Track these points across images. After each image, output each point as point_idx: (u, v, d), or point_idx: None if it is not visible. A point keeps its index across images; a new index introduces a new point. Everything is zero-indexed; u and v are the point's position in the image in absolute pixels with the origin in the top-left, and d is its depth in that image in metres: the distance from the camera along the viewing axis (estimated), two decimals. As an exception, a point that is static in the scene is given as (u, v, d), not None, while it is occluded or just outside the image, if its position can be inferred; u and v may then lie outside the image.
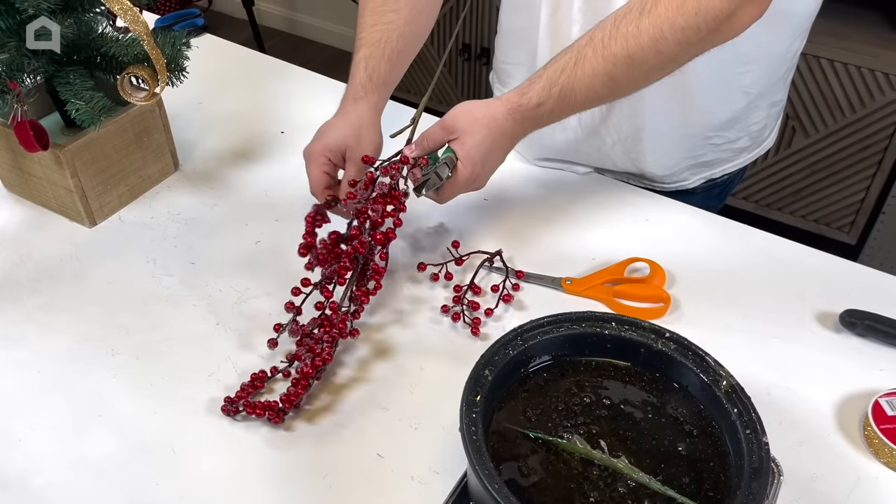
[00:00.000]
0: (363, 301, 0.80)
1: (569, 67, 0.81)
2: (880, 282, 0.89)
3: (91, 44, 0.90)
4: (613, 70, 0.79)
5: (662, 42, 0.76)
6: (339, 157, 0.88)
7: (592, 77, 0.80)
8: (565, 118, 0.87)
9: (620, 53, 0.78)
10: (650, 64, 0.78)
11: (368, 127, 0.89)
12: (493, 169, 0.88)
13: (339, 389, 0.77)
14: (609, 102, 0.89)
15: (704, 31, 0.75)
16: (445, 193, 0.87)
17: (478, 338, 0.82)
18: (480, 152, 0.84)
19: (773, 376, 0.78)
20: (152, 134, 1.00)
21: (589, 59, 0.80)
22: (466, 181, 0.85)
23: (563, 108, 0.83)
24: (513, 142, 0.86)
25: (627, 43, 0.77)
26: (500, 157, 0.87)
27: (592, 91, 0.81)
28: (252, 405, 0.73)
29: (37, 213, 0.99)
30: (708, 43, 0.78)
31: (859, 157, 1.98)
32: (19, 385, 0.78)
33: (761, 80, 1.00)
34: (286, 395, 0.73)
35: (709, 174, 1.09)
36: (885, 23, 1.97)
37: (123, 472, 0.70)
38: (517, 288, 0.88)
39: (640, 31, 0.76)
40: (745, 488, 0.57)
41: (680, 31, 0.75)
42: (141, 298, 0.87)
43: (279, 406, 0.73)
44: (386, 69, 0.91)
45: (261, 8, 3.38)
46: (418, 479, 0.69)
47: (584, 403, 0.66)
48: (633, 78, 0.80)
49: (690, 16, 0.75)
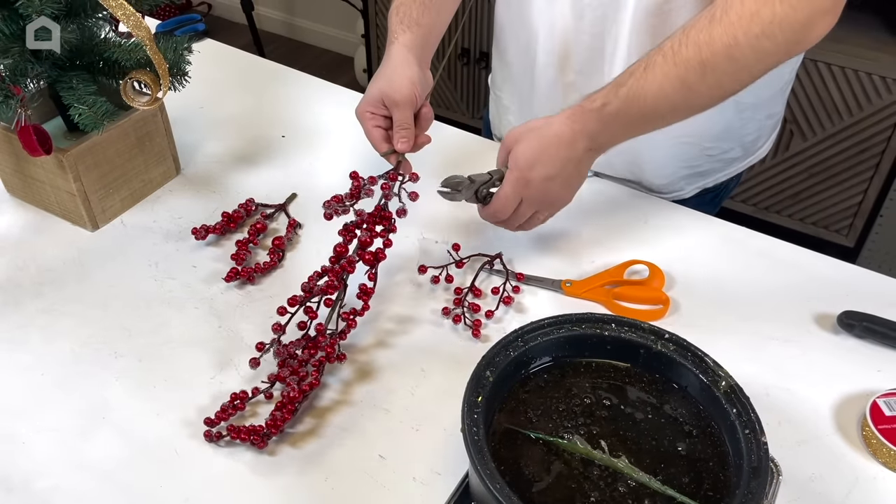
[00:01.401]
0: (350, 325, 0.79)
1: (638, 72, 0.79)
2: (878, 284, 0.90)
3: (94, 49, 0.91)
4: (686, 75, 0.76)
5: (737, 49, 0.74)
6: (381, 107, 0.90)
7: (664, 80, 0.77)
8: (640, 132, 0.83)
9: (693, 58, 0.76)
10: (724, 70, 0.76)
11: (401, 65, 0.89)
12: (551, 176, 0.82)
13: (341, 391, 0.78)
14: (685, 116, 0.83)
15: (781, 41, 0.74)
16: (495, 205, 0.85)
17: (479, 339, 0.83)
18: (527, 156, 0.82)
19: (771, 377, 0.79)
20: (154, 138, 1.00)
21: (659, 64, 0.77)
22: (513, 186, 0.83)
23: (631, 112, 0.79)
24: (572, 147, 0.81)
25: (700, 49, 0.75)
26: (556, 163, 0.82)
27: (664, 96, 0.78)
28: (237, 430, 0.71)
29: (40, 216, 0.99)
30: (785, 53, 0.76)
31: (857, 160, 1.98)
32: (23, 388, 0.78)
33: (756, 92, 1.00)
34: (272, 419, 0.71)
35: (703, 183, 1.10)
36: (882, 26, 1.98)
37: (127, 474, 0.71)
38: (517, 290, 0.88)
39: (713, 39, 0.75)
40: (745, 488, 0.58)
41: (755, 38, 0.74)
42: (143, 301, 0.87)
43: (264, 431, 0.71)
44: (418, 12, 0.92)
45: (260, 13, 3.39)
46: (420, 479, 0.70)
47: (584, 404, 0.67)
48: (708, 85, 0.77)
49: (766, 24, 0.73)
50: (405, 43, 0.91)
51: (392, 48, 0.92)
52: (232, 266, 0.90)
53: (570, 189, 0.86)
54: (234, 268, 0.89)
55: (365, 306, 0.81)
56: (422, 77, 0.90)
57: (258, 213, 0.99)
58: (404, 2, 0.94)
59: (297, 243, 0.96)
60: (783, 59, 0.77)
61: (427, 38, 0.94)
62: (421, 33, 0.92)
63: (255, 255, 0.94)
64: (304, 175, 1.07)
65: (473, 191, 0.86)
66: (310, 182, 1.05)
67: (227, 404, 0.74)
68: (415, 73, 0.89)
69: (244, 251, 0.92)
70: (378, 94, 0.89)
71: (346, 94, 1.23)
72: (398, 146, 0.89)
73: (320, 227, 0.97)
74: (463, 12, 2.40)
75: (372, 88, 0.91)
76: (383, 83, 0.89)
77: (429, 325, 0.85)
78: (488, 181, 0.86)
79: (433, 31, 0.95)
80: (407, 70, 0.89)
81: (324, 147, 1.12)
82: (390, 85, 0.88)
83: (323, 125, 1.16)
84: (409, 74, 0.89)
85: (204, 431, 0.73)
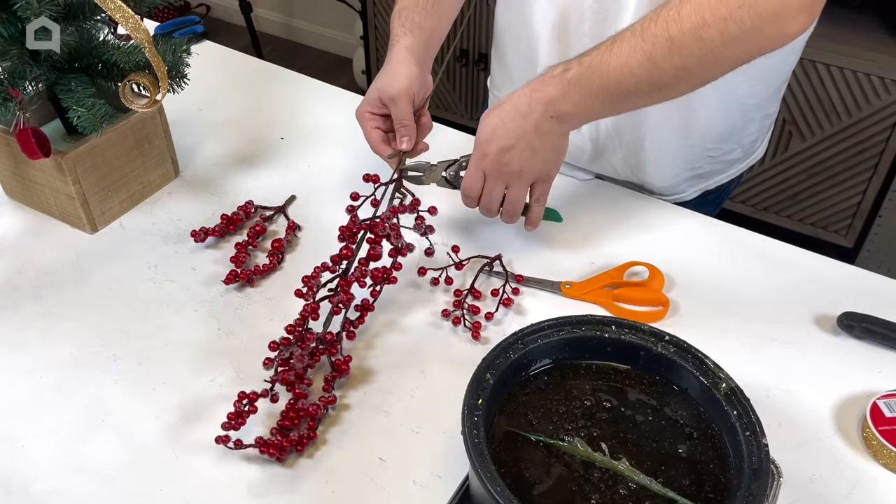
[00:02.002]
0: (349, 336, 0.81)
1: (605, 45, 0.78)
2: (877, 284, 0.90)
3: (92, 51, 0.91)
4: (653, 50, 0.75)
5: (704, 29, 0.74)
6: (379, 107, 0.91)
7: (630, 54, 0.76)
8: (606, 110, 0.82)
9: (661, 34, 0.75)
10: (690, 50, 0.75)
11: (399, 64, 0.90)
12: (508, 147, 0.82)
13: (340, 393, 0.78)
14: (649, 97, 0.81)
15: (749, 27, 0.73)
16: (463, 186, 0.86)
17: (478, 342, 0.83)
18: (485, 130, 0.83)
19: (771, 378, 0.78)
20: (153, 140, 1.00)
21: (627, 39, 0.77)
22: (474, 162, 0.84)
23: (593, 81, 0.78)
24: (527, 116, 0.81)
25: (668, 25, 0.75)
26: (512, 134, 0.81)
27: (628, 70, 0.77)
28: (265, 444, 0.70)
29: (38, 219, 0.99)
30: (752, 44, 0.75)
31: (856, 160, 1.98)
32: (22, 391, 0.78)
33: (757, 92, 1.00)
34: (298, 437, 0.71)
35: (704, 185, 1.10)
36: (881, 27, 1.98)
37: (126, 477, 0.70)
38: (517, 292, 0.88)
39: (682, 16, 0.74)
40: (745, 490, 0.58)
41: (722, 20, 0.73)
42: (142, 304, 0.87)
43: (289, 448, 0.71)
44: (420, 16, 0.93)
45: (259, 14, 3.39)
46: (420, 482, 0.70)
47: (584, 406, 0.67)
48: (673, 65, 0.76)
49: (735, 7, 0.73)
50: (406, 45, 0.92)
51: (393, 51, 0.92)
52: (231, 268, 0.90)
53: (538, 160, 0.84)
54: (234, 270, 0.89)
55: (361, 320, 0.82)
56: (420, 76, 0.91)
57: (257, 216, 0.99)
58: (406, 6, 0.94)
59: (297, 245, 0.96)
60: (752, 50, 0.76)
61: (428, 42, 0.94)
62: (423, 37, 0.93)
63: (254, 257, 0.94)
64: (303, 177, 1.07)
65: (440, 173, 0.88)
66: (309, 184, 1.05)
67: (240, 407, 0.72)
68: (412, 71, 0.90)
69: (243, 254, 0.92)
70: (376, 94, 0.91)
71: (344, 96, 1.23)
72: (400, 145, 0.90)
73: (320, 228, 0.97)
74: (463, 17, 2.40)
75: (371, 89, 0.92)
76: (381, 82, 0.91)
77: (429, 328, 0.85)
78: (454, 164, 0.88)
79: (434, 35, 0.96)
80: (405, 68, 0.90)
81: (323, 148, 1.12)
82: (387, 81, 0.90)
83: (322, 127, 1.16)
84: (407, 71, 0.90)
85: (219, 437, 0.71)
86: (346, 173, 1.05)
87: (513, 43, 1.06)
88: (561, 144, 0.85)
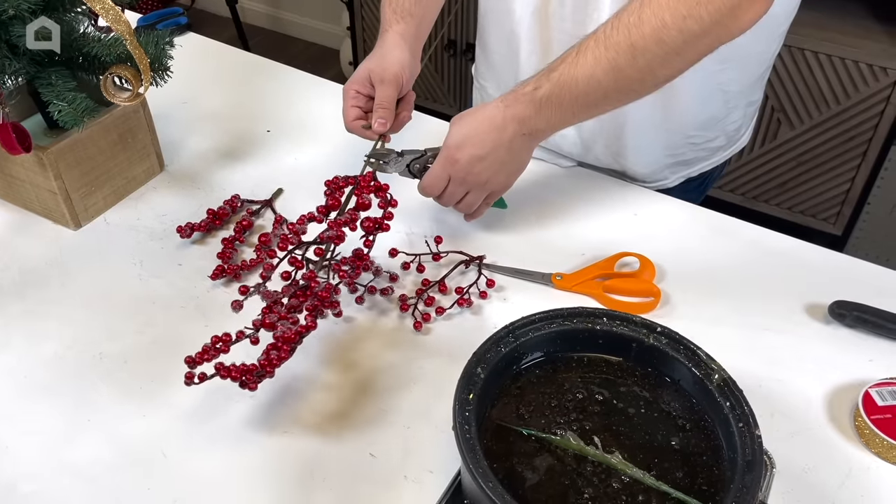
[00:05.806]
0: (342, 276, 0.81)
1: (570, 56, 0.80)
2: (867, 272, 0.90)
3: (73, 44, 0.89)
4: (616, 58, 0.77)
5: (665, 31, 0.75)
6: (367, 87, 0.92)
7: (595, 64, 0.78)
8: (579, 118, 0.84)
9: (623, 42, 0.77)
10: (653, 54, 0.76)
11: (392, 50, 0.92)
12: (479, 157, 0.84)
13: (331, 389, 0.77)
14: (619, 101, 0.83)
15: (708, 23, 0.74)
16: (424, 181, 0.87)
17: (420, 332, 0.82)
18: (457, 136, 0.84)
19: (764, 368, 0.78)
20: (137, 135, 0.99)
21: (591, 48, 0.79)
22: (441, 164, 0.85)
23: (564, 96, 0.80)
24: (502, 130, 0.83)
25: (630, 32, 0.76)
26: (485, 145, 0.83)
27: (595, 81, 0.79)
28: (226, 368, 0.68)
29: (20, 216, 0.98)
30: (713, 37, 0.76)
31: (844, 148, 1.99)
32: (6, 391, 0.77)
33: (739, 79, 1.00)
34: (266, 359, 0.69)
35: (687, 173, 1.10)
36: (868, 14, 1.98)
37: (114, 477, 0.69)
38: (484, 296, 0.87)
39: (642, 21, 0.76)
40: (739, 481, 0.57)
41: (682, 19, 0.74)
42: (128, 301, 0.86)
43: (257, 370, 0.68)
44: (410, 3, 0.95)
45: (244, 6, 3.36)
46: (412, 478, 0.69)
47: (576, 399, 0.66)
48: (638, 69, 0.78)
49: (692, 5, 0.74)
50: (399, 31, 0.94)
51: (386, 35, 0.94)
52: (218, 264, 0.88)
53: (504, 173, 0.87)
54: (220, 265, 0.88)
55: (357, 270, 0.83)
56: (412, 63, 0.93)
57: (244, 210, 0.98)
58: None
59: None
60: (713, 43, 0.77)
61: (419, 28, 0.96)
62: (413, 23, 0.95)
63: (241, 252, 0.93)
64: (290, 170, 1.06)
65: (405, 165, 0.88)
66: (296, 177, 1.04)
67: (208, 345, 0.70)
68: (405, 58, 0.92)
69: (230, 249, 0.91)
70: (366, 73, 0.92)
71: (331, 88, 1.22)
72: (375, 126, 0.91)
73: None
74: (451, 7, 2.38)
75: (361, 68, 0.93)
76: (373, 63, 0.92)
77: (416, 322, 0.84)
78: (421, 157, 0.88)
79: (424, 22, 0.97)
80: (399, 53, 0.92)
81: (310, 141, 1.11)
82: (380, 63, 0.91)
83: (309, 119, 1.15)
84: (401, 57, 0.92)
85: (185, 373, 0.70)
86: (333, 166, 1.04)
87: (495, 28, 1.05)
88: (527, 158, 0.89)
